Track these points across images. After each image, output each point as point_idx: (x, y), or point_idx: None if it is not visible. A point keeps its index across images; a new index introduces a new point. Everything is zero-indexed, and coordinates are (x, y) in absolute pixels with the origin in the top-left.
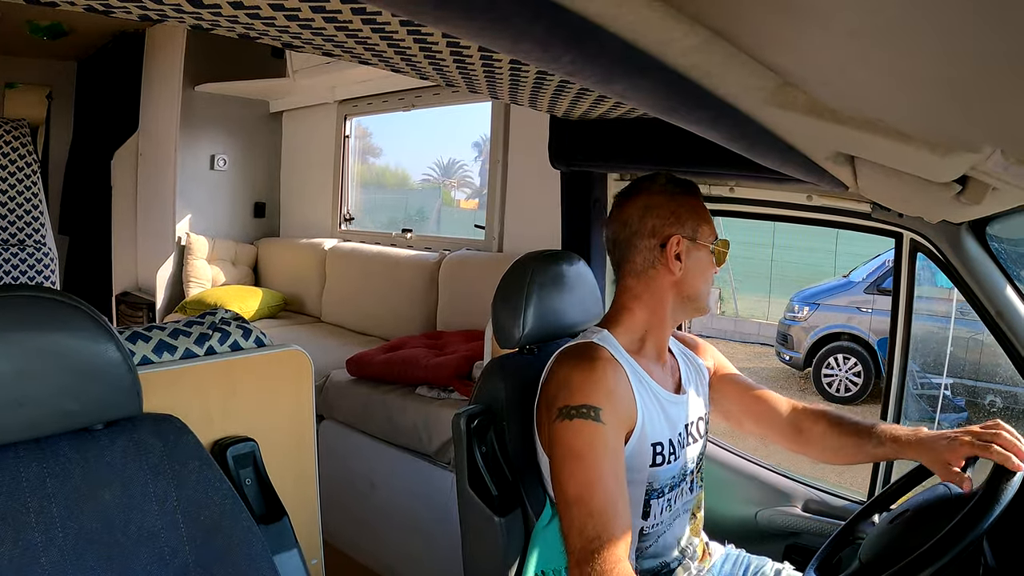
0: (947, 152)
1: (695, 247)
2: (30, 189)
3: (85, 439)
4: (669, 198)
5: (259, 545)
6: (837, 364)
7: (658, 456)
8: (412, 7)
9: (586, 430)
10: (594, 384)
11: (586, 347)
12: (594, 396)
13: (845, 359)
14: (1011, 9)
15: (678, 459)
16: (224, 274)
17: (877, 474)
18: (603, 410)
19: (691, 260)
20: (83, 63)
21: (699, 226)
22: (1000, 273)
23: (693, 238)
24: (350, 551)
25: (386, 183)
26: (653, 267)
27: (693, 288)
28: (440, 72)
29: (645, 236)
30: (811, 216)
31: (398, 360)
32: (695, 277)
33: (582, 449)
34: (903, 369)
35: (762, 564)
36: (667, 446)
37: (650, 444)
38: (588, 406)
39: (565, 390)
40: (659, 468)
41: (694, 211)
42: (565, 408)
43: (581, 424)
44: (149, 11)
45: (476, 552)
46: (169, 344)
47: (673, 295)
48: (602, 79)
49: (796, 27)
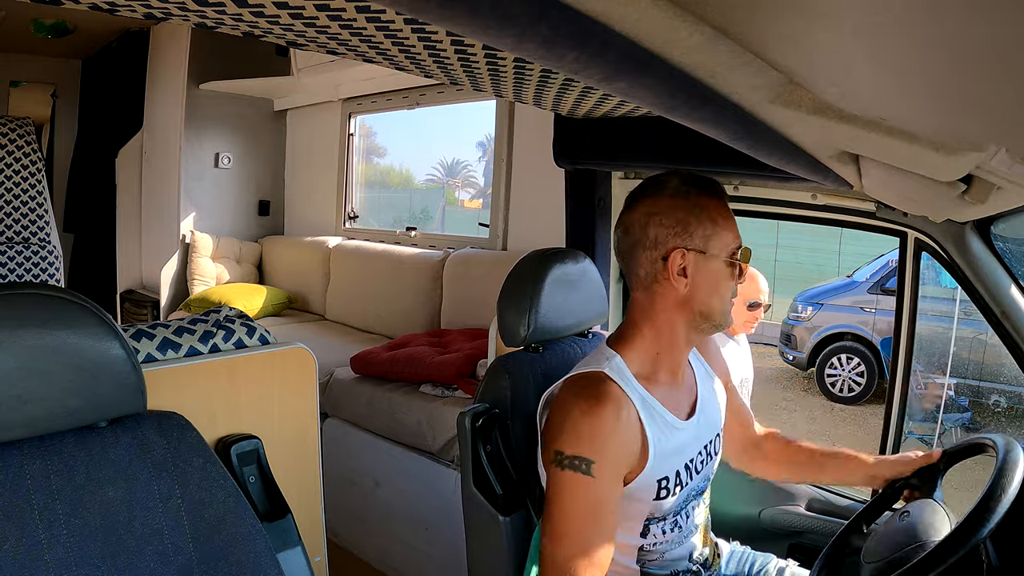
0: (952, 151)
1: (705, 259)
2: (35, 187)
3: (89, 436)
4: (678, 203)
5: (263, 543)
6: (840, 364)
7: (663, 491)
8: (416, 5)
9: (575, 484)
10: (592, 432)
11: (594, 381)
12: (589, 447)
13: (849, 359)
14: (1016, 8)
15: (685, 488)
16: (228, 272)
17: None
18: (596, 463)
19: (701, 274)
20: (88, 61)
21: (713, 235)
22: (1005, 273)
23: (703, 249)
24: (354, 549)
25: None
26: (657, 282)
27: (705, 305)
28: (444, 70)
29: (647, 247)
30: (816, 215)
31: (402, 358)
32: (707, 293)
33: (567, 503)
34: (907, 368)
35: (766, 562)
36: (673, 478)
37: (656, 480)
38: (581, 458)
39: (563, 432)
40: (663, 501)
41: (708, 217)
42: (559, 454)
43: (571, 476)
44: (153, 9)
45: (480, 551)
46: (173, 342)
47: (683, 313)
48: (606, 77)
49: (801, 26)
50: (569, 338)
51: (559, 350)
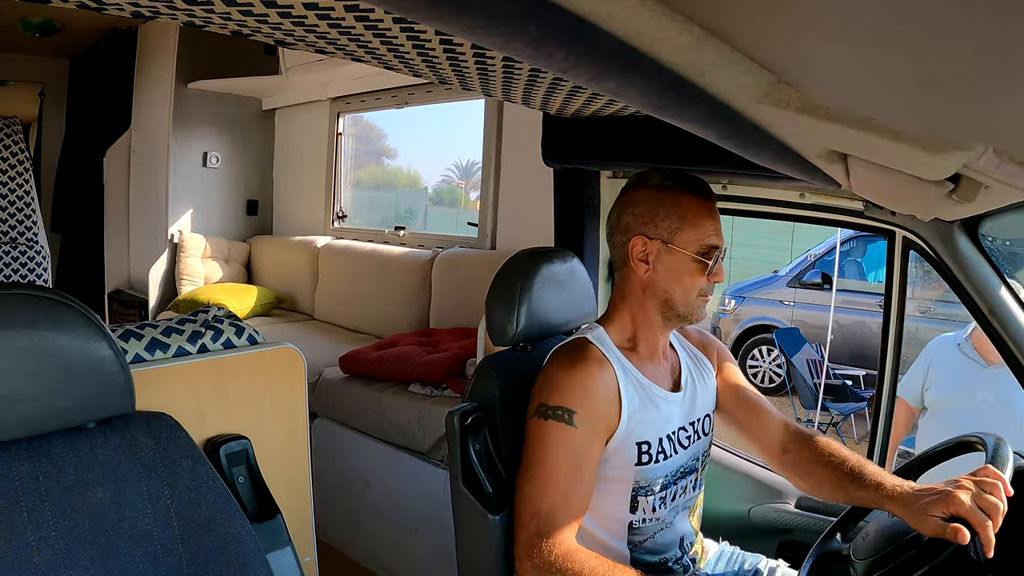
0: (939, 150)
1: (668, 250)
2: (22, 187)
3: (78, 437)
4: (653, 195)
5: (252, 543)
6: (761, 356)
7: (644, 455)
8: (405, 4)
9: (556, 432)
10: (573, 385)
11: (578, 345)
12: (571, 398)
13: (768, 351)
14: (1002, 7)
15: (671, 458)
16: (217, 272)
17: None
18: (577, 413)
19: (662, 264)
20: (75, 60)
21: (680, 229)
22: (992, 271)
23: (667, 240)
24: (343, 549)
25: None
26: (626, 265)
27: (666, 293)
28: (433, 69)
29: (620, 232)
30: (804, 214)
31: (391, 358)
32: (668, 282)
33: (547, 450)
34: (895, 367)
35: (756, 561)
36: (655, 444)
37: (635, 443)
38: (563, 408)
39: (547, 387)
40: (645, 467)
41: (678, 212)
42: (542, 406)
43: (553, 425)
44: (141, 8)
45: (470, 549)
46: (162, 342)
47: (648, 298)
48: (595, 77)
49: (789, 26)
50: (557, 337)
51: (548, 349)
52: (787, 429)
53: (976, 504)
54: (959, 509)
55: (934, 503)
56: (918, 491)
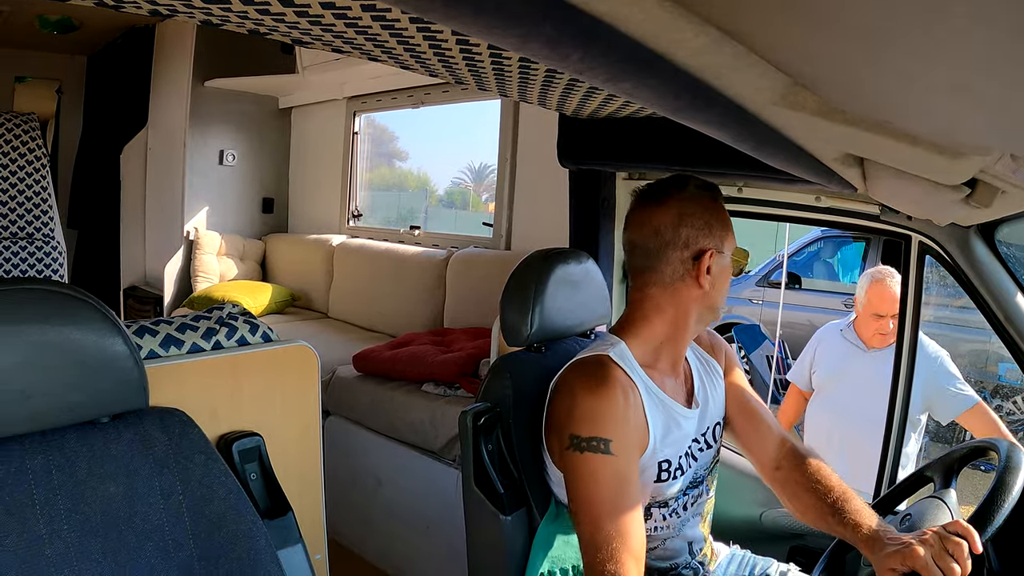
0: (956, 155)
1: (722, 259)
2: (39, 183)
3: (91, 432)
4: (702, 206)
5: (263, 540)
6: None
7: (663, 473)
8: (421, 4)
9: (596, 464)
10: (604, 413)
11: (598, 364)
12: (604, 427)
13: (738, 349)
14: (1020, 13)
15: (684, 474)
16: (232, 269)
17: (882, 476)
18: (613, 441)
19: (716, 272)
20: (93, 58)
21: (726, 236)
22: (1009, 278)
23: (721, 250)
24: (354, 547)
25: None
26: (682, 280)
27: (717, 301)
28: (449, 69)
29: (678, 247)
30: (820, 217)
31: (404, 357)
32: (718, 289)
33: (592, 484)
34: (909, 378)
35: (767, 565)
36: (674, 462)
37: (658, 462)
38: (598, 439)
39: (575, 416)
40: (663, 483)
41: (721, 220)
42: (575, 438)
43: (591, 458)
44: (159, 6)
45: (481, 550)
46: (176, 338)
47: (697, 308)
48: (611, 78)
49: (806, 28)
50: (572, 338)
51: (561, 350)
52: (783, 445)
53: (934, 562)
54: (915, 563)
55: (893, 555)
56: (888, 538)
